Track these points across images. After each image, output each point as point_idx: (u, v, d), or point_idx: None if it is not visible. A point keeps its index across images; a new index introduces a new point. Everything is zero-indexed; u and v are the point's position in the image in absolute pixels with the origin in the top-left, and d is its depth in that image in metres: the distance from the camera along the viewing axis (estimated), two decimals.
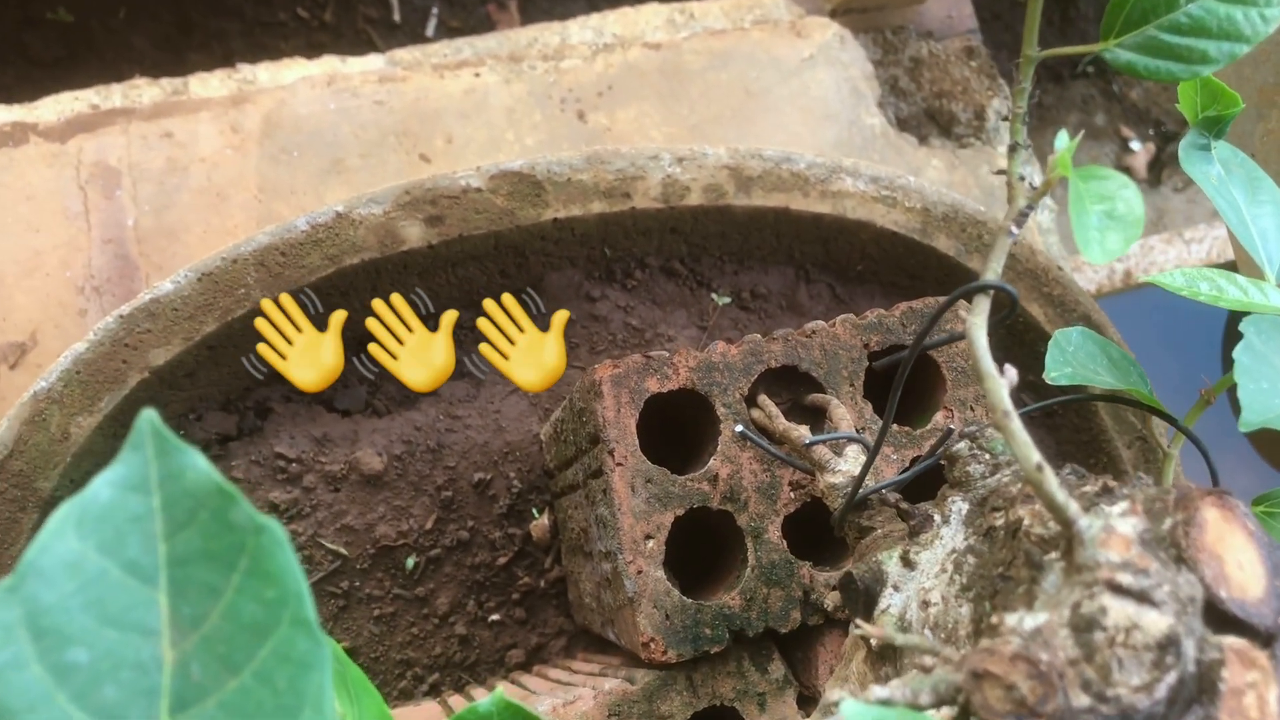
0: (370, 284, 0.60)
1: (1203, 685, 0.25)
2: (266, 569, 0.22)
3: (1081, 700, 0.24)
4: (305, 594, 0.22)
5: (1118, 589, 0.25)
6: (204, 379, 0.59)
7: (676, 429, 0.50)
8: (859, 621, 0.33)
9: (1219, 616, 0.26)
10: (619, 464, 0.44)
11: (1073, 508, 0.27)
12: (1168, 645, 0.24)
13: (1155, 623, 0.24)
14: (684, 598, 0.44)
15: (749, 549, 0.45)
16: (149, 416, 0.22)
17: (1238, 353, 0.36)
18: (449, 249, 0.60)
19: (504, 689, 0.40)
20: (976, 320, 0.31)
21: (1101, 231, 0.31)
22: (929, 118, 0.91)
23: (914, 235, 0.64)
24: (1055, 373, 0.39)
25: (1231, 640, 0.26)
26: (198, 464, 0.22)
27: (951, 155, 0.87)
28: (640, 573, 0.44)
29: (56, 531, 0.21)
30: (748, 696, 0.45)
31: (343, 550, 0.59)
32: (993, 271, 0.33)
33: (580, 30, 0.79)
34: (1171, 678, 0.24)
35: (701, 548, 0.50)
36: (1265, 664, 0.26)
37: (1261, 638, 0.27)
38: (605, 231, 0.61)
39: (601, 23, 0.80)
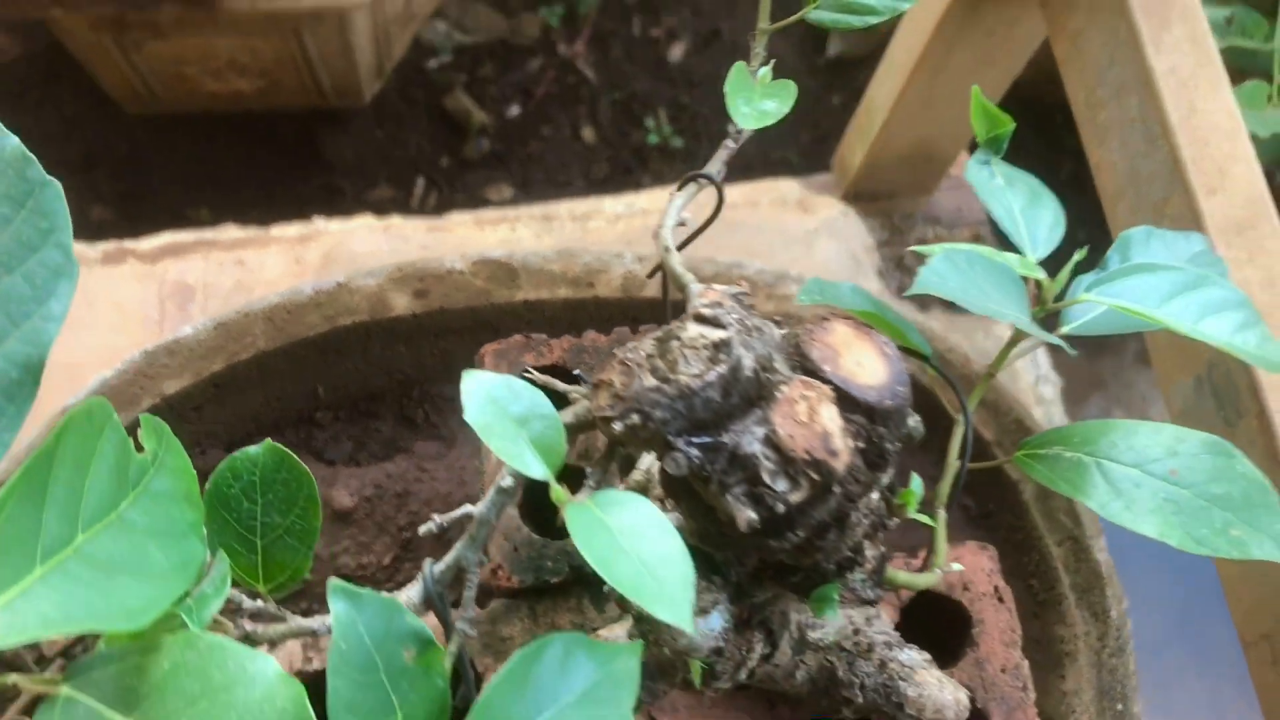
0: (361, 344, 0.69)
1: (762, 393, 0.29)
2: (45, 208, 0.29)
3: (650, 381, 0.28)
4: (67, 228, 0.29)
5: (699, 318, 0.30)
6: (209, 416, 0.68)
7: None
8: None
9: (846, 401, 0.30)
10: None
11: (689, 278, 0.32)
12: (720, 347, 0.29)
13: (715, 333, 0.29)
14: (532, 534, 0.49)
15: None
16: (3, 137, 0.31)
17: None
18: (431, 319, 0.69)
19: None
20: (679, 198, 0.37)
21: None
22: None
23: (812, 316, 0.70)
24: (805, 298, 0.43)
25: (802, 376, 0.30)
26: (11, 140, 0.30)
27: (949, 321, 0.93)
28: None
29: None
30: (584, 630, 0.48)
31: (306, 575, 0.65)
32: (710, 166, 0.39)
33: (613, 203, 0.90)
34: (722, 369, 0.28)
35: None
36: (825, 391, 0.29)
37: (863, 410, 0.30)
38: (570, 314, 0.70)
39: (634, 199, 0.92)
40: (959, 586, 0.49)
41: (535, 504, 0.51)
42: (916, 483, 0.37)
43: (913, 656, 0.43)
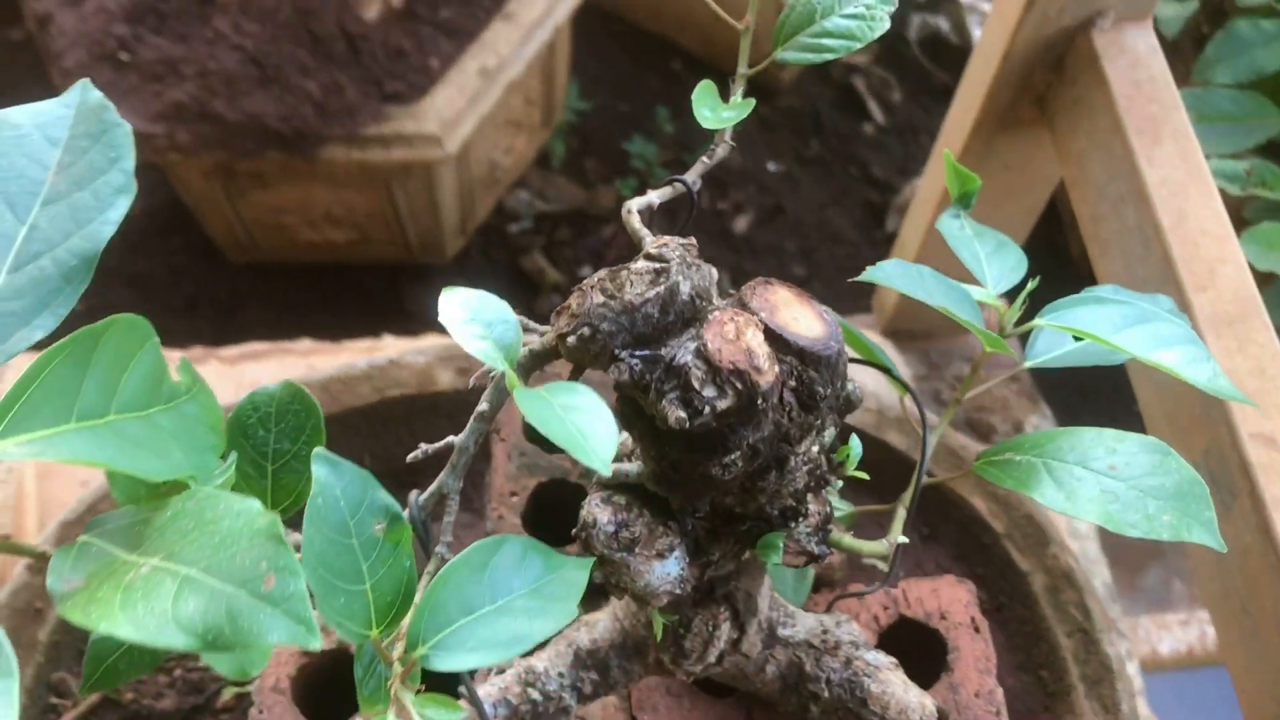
0: (406, 416, 0.75)
1: (697, 316, 0.34)
2: (114, 142, 0.35)
3: (599, 299, 0.33)
4: (130, 157, 0.35)
5: (648, 256, 0.34)
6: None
7: None
8: None
9: (778, 342, 0.34)
10: (502, 440, 0.55)
11: (645, 233, 0.37)
12: (661, 273, 0.33)
13: (657, 263, 0.34)
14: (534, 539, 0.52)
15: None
16: (89, 91, 0.38)
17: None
18: (472, 395, 0.74)
19: None
20: (654, 192, 0.42)
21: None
22: (967, 424, 1.01)
23: (868, 430, 0.73)
24: None
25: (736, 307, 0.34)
26: (95, 94, 0.37)
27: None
28: (500, 518, 0.53)
29: None
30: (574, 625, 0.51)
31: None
32: (689, 175, 0.44)
33: None
34: (661, 289, 0.33)
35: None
36: (753, 320, 0.33)
37: (794, 352, 0.34)
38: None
39: None
40: (936, 615, 0.51)
41: (537, 517, 0.55)
42: (855, 443, 0.41)
43: (879, 657, 0.46)
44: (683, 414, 0.32)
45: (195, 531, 0.30)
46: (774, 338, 0.34)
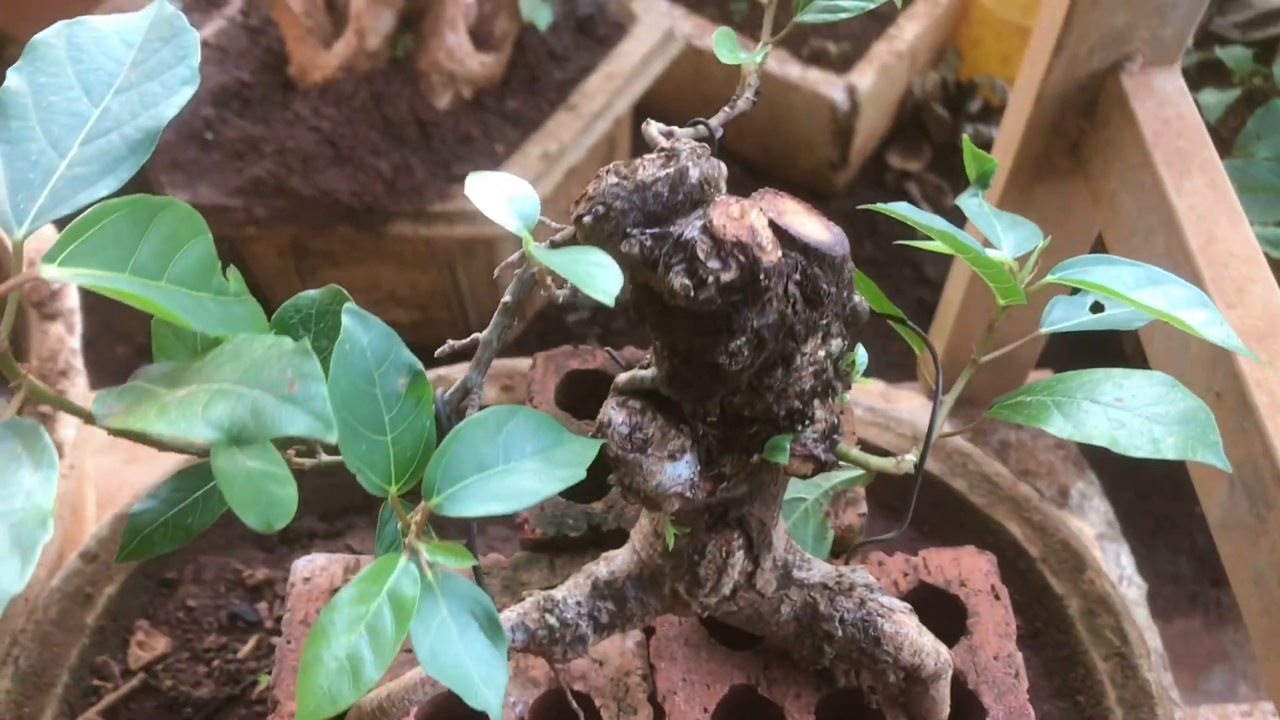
0: None
1: (704, 199, 0.36)
2: (183, 43, 0.39)
3: (613, 180, 0.35)
4: (195, 55, 0.39)
5: (660, 150, 0.37)
6: (313, 480, 0.76)
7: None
8: None
9: (784, 237, 0.36)
10: (535, 406, 0.57)
11: (659, 137, 0.39)
12: (670, 158, 0.36)
13: (669, 153, 0.36)
14: (559, 497, 0.53)
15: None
16: (164, 4, 0.42)
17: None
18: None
19: None
20: (680, 130, 0.44)
21: None
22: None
23: (879, 441, 0.74)
24: None
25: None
26: (168, 6, 0.41)
27: None
28: None
29: None
30: None
31: None
32: (714, 119, 0.46)
33: None
34: (671, 170, 0.35)
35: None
36: (759, 208, 0.35)
37: (799, 248, 0.36)
38: None
39: None
40: (956, 582, 0.51)
41: None
42: (862, 352, 0.42)
43: (893, 601, 0.46)
44: (688, 281, 0.34)
45: (231, 362, 0.32)
46: (780, 233, 0.36)
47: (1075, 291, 0.52)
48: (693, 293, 0.34)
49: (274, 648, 0.69)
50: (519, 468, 0.35)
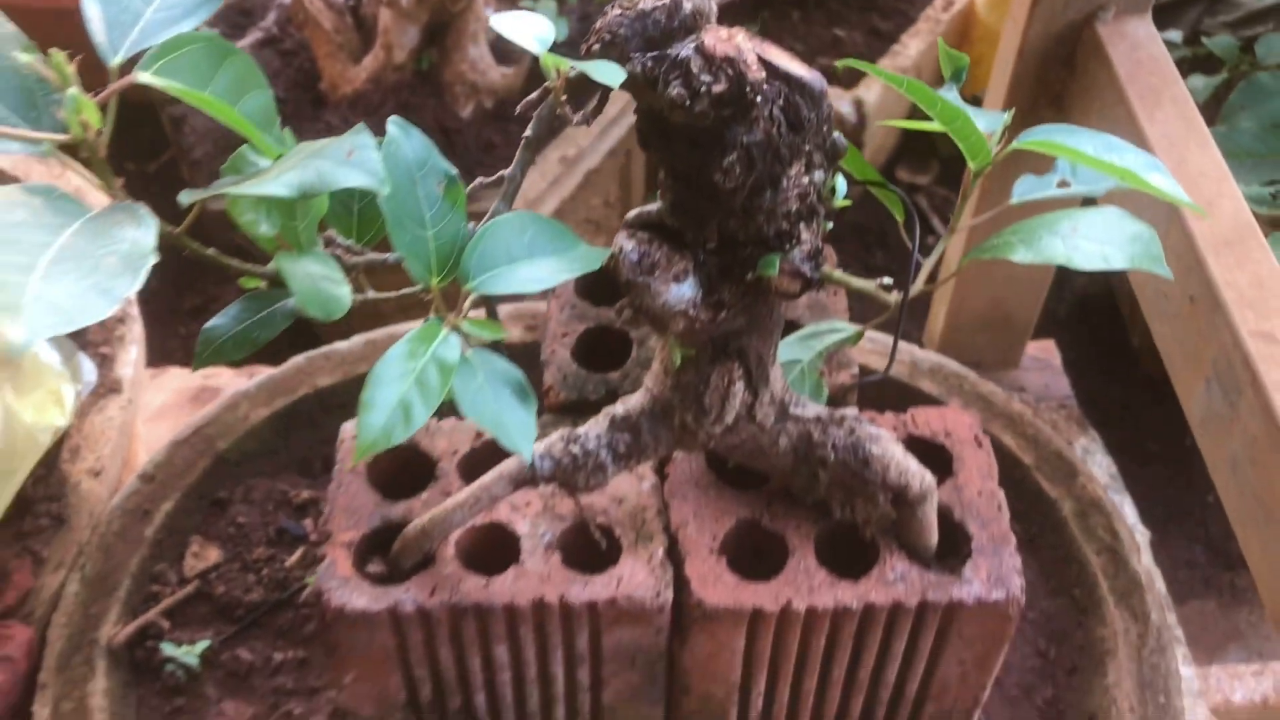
0: None
1: (697, 27, 0.41)
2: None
3: (618, 12, 0.41)
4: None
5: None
6: (351, 414, 0.81)
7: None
8: None
9: (768, 67, 0.42)
10: (556, 296, 0.62)
11: None
12: None
13: None
14: (580, 368, 0.59)
15: (634, 350, 0.60)
16: None
17: None
18: (537, 348, 0.82)
19: None
20: None
21: None
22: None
23: (903, 378, 0.79)
24: None
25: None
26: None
27: None
28: (554, 351, 0.60)
29: None
30: None
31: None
32: None
33: None
34: (667, 1, 0.41)
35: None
36: (742, 30, 0.41)
37: (781, 76, 0.42)
38: None
39: None
40: (942, 434, 0.56)
41: (584, 351, 0.62)
42: (841, 181, 0.47)
43: (881, 430, 0.51)
44: (683, 91, 0.40)
45: (298, 153, 0.38)
46: (765, 64, 0.42)
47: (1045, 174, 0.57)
48: (688, 102, 0.40)
49: (319, 559, 0.74)
50: (541, 261, 0.40)
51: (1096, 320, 1.72)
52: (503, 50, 1.51)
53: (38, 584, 0.71)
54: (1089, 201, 0.62)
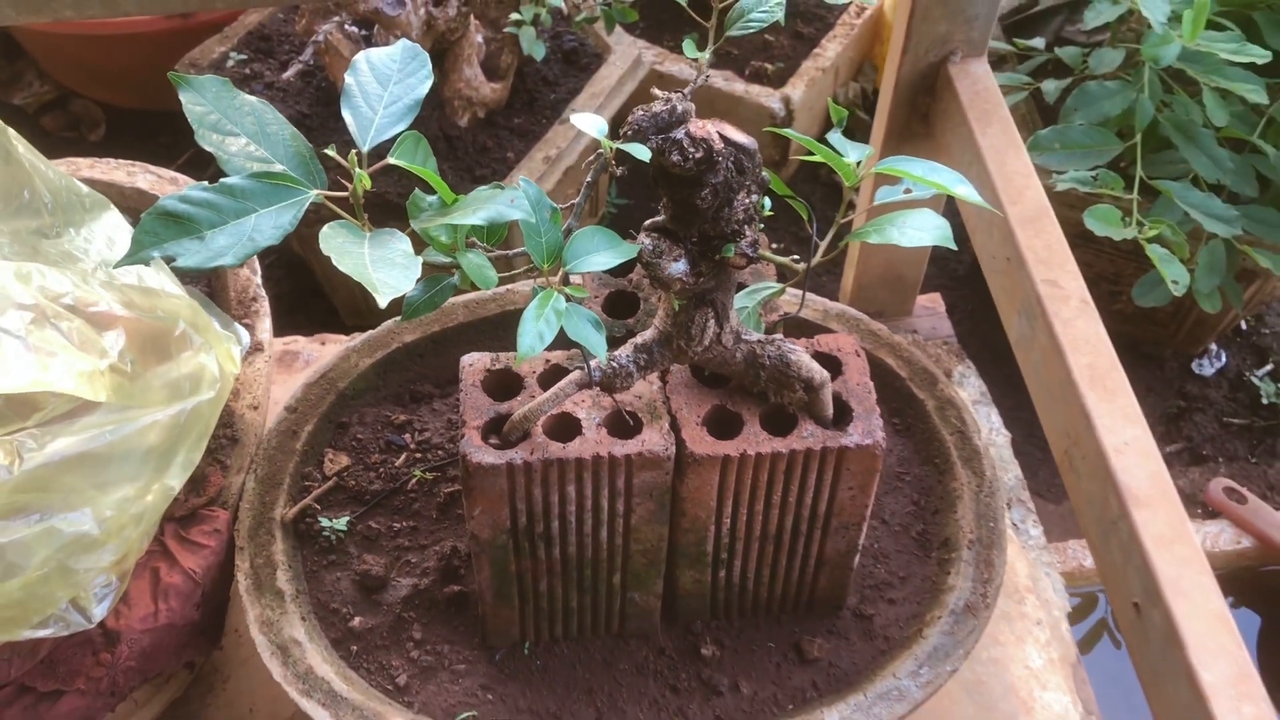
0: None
1: (685, 121, 0.74)
2: (420, 61, 0.77)
3: (640, 112, 0.74)
4: (428, 65, 0.77)
5: (654, 98, 0.75)
6: (428, 362, 1.14)
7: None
8: None
9: (727, 141, 0.75)
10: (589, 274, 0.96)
11: (659, 94, 0.77)
12: (668, 100, 0.74)
13: (666, 98, 0.74)
14: (606, 314, 0.92)
15: (641, 305, 0.94)
16: (408, 46, 0.80)
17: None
18: None
19: None
20: (675, 94, 0.82)
21: None
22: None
23: (868, 348, 1.13)
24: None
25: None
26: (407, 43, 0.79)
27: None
28: (589, 307, 0.93)
29: None
30: None
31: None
32: (687, 90, 0.85)
33: None
34: (668, 106, 0.73)
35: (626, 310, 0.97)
36: (713, 123, 0.74)
37: (733, 145, 0.75)
38: None
39: None
40: (834, 349, 0.90)
41: (609, 306, 0.95)
42: (767, 200, 0.80)
43: (796, 346, 0.85)
44: (679, 158, 0.72)
45: (474, 200, 0.70)
46: (724, 138, 0.75)
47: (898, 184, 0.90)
48: (683, 164, 0.73)
49: (418, 461, 1.07)
50: (604, 253, 0.73)
51: None
52: (491, 68, 1.83)
53: (226, 483, 1.03)
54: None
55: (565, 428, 0.85)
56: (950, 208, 1.33)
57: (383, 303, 0.62)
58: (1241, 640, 0.82)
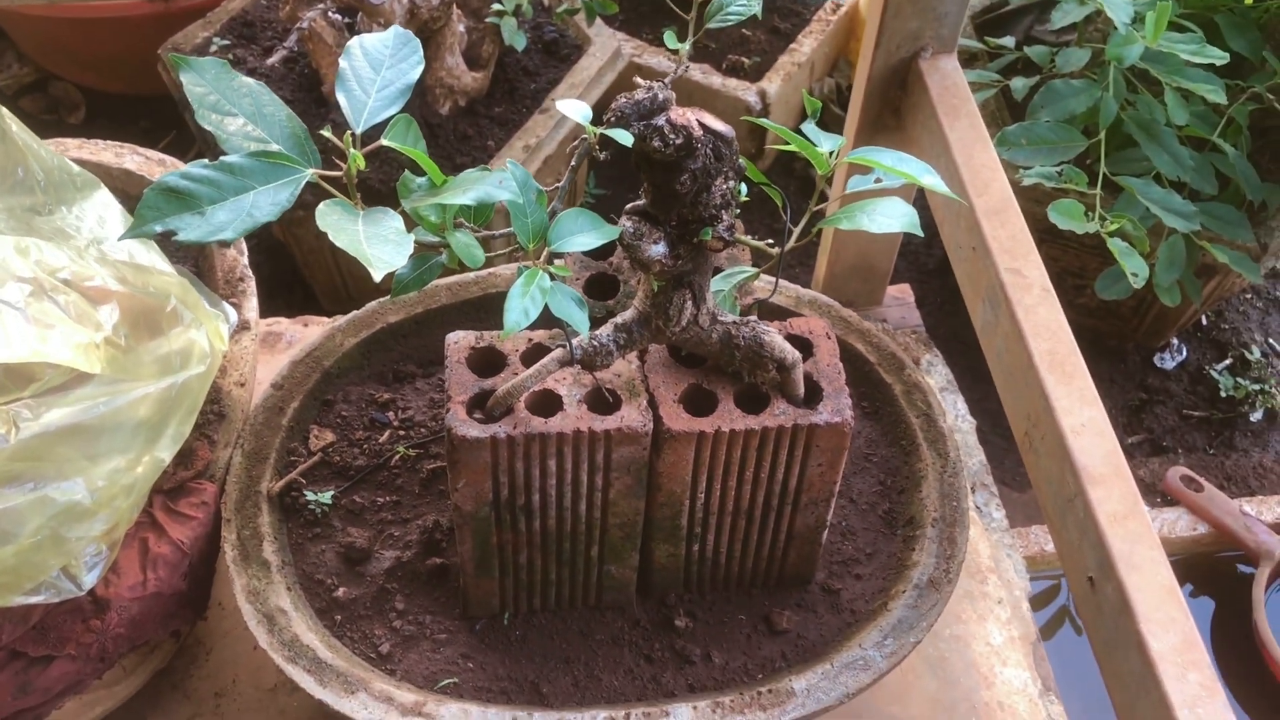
0: (499, 306, 1.18)
1: (666, 108, 0.78)
2: (412, 46, 0.80)
3: (622, 99, 0.77)
4: (419, 49, 0.80)
5: (637, 87, 0.78)
6: (411, 343, 1.16)
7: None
8: None
9: (706, 129, 0.78)
10: (570, 257, 0.99)
11: (641, 82, 0.80)
12: (650, 89, 0.77)
13: (648, 87, 0.78)
14: (589, 297, 0.95)
15: (621, 287, 0.97)
16: (400, 32, 0.83)
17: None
18: None
19: None
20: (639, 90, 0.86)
21: None
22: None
23: (839, 334, 1.16)
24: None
25: None
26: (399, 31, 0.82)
27: None
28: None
29: None
30: None
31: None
32: (666, 80, 0.88)
33: None
34: (650, 94, 0.77)
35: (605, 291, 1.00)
36: (693, 111, 0.77)
37: (712, 133, 0.78)
38: None
39: None
40: (806, 332, 0.94)
41: (590, 288, 0.98)
42: (743, 187, 0.84)
43: (770, 328, 0.88)
44: (660, 144, 0.76)
45: (463, 181, 0.73)
46: (704, 126, 0.78)
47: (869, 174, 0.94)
48: (664, 150, 0.76)
49: (401, 438, 1.10)
50: (585, 236, 0.76)
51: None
52: (472, 57, 1.85)
53: (214, 456, 1.05)
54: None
55: (547, 404, 0.88)
56: (920, 200, 1.38)
57: (377, 276, 0.65)
58: (1189, 611, 0.86)
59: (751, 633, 1.01)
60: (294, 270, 2.04)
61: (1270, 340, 2.10)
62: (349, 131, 0.74)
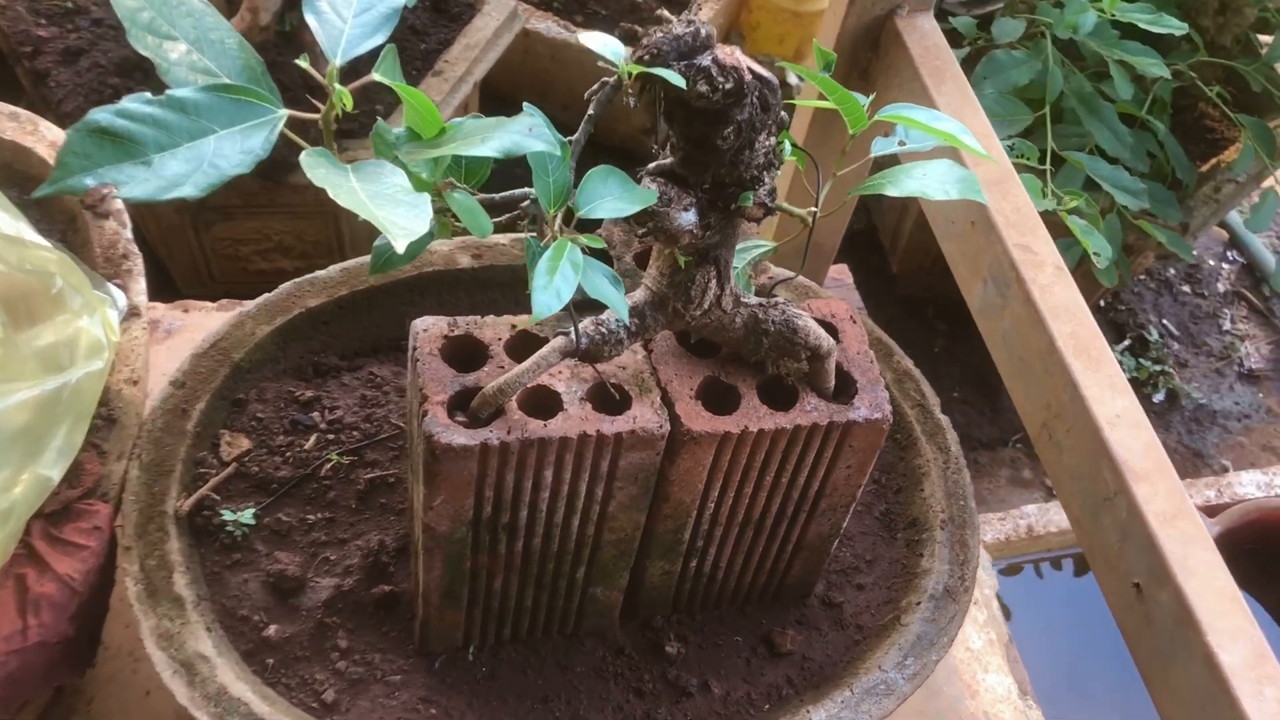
0: (435, 288, 1.02)
1: (710, 46, 0.65)
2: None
3: (659, 34, 0.63)
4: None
5: (681, 21, 0.65)
6: (334, 330, 1.00)
7: None
8: None
9: (754, 73, 0.65)
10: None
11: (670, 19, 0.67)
12: (690, 23, 0.64)
13: (689, 20, 0.64)
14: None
15: (614, 265, 0.84)
16: None
17: None
18: (483, 273, 1.03)
19: None
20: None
21: None
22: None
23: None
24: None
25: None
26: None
27: None
28: None
29: None
30: None
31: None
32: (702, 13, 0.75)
33: None
34: (692, 28, 0.63)
35: None
36: (736, 49, 0.63)
37: (759, 78, 0.65)
38: None
39: None
40: (829, 315, 0.82)
41: None
42: (787, 142, 0.72)
43: (800, 310, 0.76)
44: (707, 88, 0.62)
45: (478, 130, 0.59)
46: (750, 71, 0.65)
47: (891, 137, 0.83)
48: (710, 96, 0.63)
49: (330, 443, 0.93)
50: (616, 200, 0.62)
51: (865, 252, 2.05)
52: None
53: (104, 470, 0.87)
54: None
55: (543, 403, 0.74)
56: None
57: (400, 247, 0.50)
58: (1255, 620, 0.78)
59: (751, 656, 0.89)
60: (146, 250, 1.81)
61: (1164, 321, 2.11)
62: (330, 64, 0.58)
